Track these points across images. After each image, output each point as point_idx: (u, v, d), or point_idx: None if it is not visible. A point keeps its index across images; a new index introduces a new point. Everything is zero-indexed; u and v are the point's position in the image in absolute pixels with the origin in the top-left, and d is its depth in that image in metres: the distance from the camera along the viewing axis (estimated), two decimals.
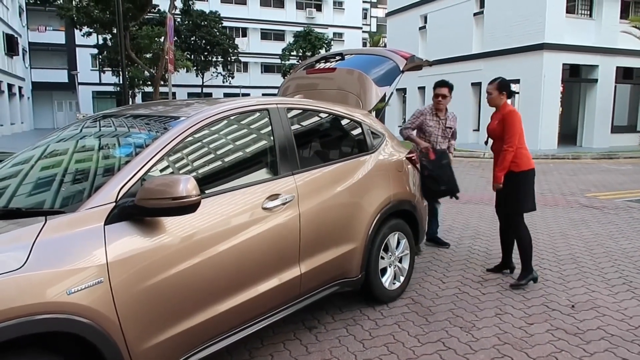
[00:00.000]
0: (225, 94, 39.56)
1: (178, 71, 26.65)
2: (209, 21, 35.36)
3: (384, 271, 3.71)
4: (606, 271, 4.47)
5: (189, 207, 2.08)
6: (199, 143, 2.62)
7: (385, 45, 33.17)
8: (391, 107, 24.86)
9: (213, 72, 37.69)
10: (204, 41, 35.51)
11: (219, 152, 2.77)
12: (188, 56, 32.68)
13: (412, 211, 3.93)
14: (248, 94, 39.27)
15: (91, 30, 23.88)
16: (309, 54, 34.53)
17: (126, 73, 14.03)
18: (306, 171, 3.04)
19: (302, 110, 3.36)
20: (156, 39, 24.43)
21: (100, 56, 30.95)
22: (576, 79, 18.47)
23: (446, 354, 2.96)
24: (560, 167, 12.81)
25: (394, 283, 3.80)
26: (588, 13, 18.03)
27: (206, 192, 2.44)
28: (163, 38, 22.51)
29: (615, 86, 18.21)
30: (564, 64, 17.10)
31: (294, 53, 36.73)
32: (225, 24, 37.48)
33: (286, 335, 3.22)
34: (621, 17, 17.95)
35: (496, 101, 4.10)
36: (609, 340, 3.12)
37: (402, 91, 24.29)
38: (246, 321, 2.62)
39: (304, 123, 3.40)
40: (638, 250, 5.16)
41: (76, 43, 36.64)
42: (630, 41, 17.41)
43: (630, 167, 12.98)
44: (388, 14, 26.70)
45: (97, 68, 36.78)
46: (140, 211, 2.07)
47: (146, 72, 25.33)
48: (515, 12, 17.59)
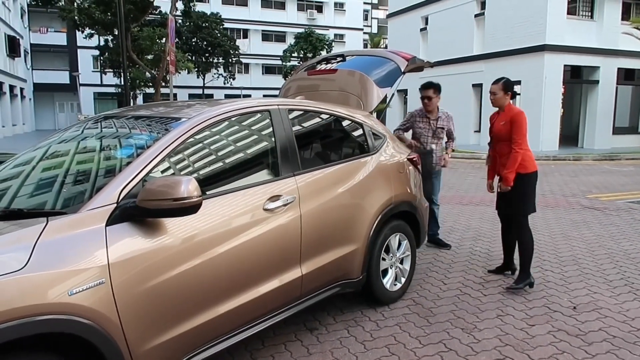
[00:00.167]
0: (226, 95, 39.62)
1: (179, 72, 26.67)
2: (210, 23, 35.43)
3: (385, 272, 3.71)
4: (608, 272, 4.46)
5: (191, 208, 2.08)
6: (200, 144, 2.62)
7: (386, 46, 33.20)
8: (392, 109, 24.87)
9: (214, 74, 37.76)
10: (205, 42, 35.58)
11: (220, 153, 2.77)
12: (189, 57, 32.74)
13: (413, 212, 3.93)
14: (249, 95, 39.31)
15: (93, 31, 23.90)
16: (310, 56, 34.60)
17: (127, 74, 14.04)
18: (307, 172, 3.04)
19: (304, 111, 3.36)
20: (157, 41, 24.47)
21: (101, 57, 31.01)
22: (577, 80, 18.46)
23: (447, 356, 2.96)
24: (561, 169, 12.79)
25: (395, 284, 3.80)
26: (589, 14, 18.02)
27: (207, 193, 2.44)
28: (164, 39, 22.58)
29: (616, 87, 18.19)
30: (565, 65, 17.09)
31: (295, 54, 36.81)
32: (226, 26, 37.57)
33: (287, 336, 3.22)
34: (622, 19, 17.95)
35: (501, 101, 4.06)
36: (611, 341, 3.11)
37: (403, 92, 24.28)
38: (247, 322, 2.62)
39: (305, 124, 3.40)
40: None
41: (78, 44, 36.73)
42: (631, 42, 17.41)
43: (631, 169, 12.96)
44: (389, 16, 26.72)
45: (99, 69, 36.91)
46: (141, 212, 2.07)
47: (147, 74, 25.36)
48: (516, 14, 17.59)
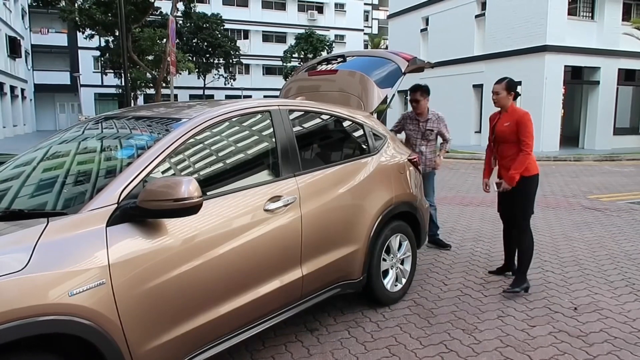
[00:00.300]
0: (226, 96, 39.67)
1: (180, 73, 26.70)
2: (211, 23, 35.46)
3: (386, 273, 3.71)
4: (609, 273, 4.45)
5: (191, 209, 2.08)
6: (201, 145, 2.62)
7: (386, 47, 33.20)
8: (393, 109, 24.85)
9: (215, 74, 37.80)
10: (206, 43, 35.61)
11: (221, 154, 2.77)
12: (190, 58, 32.76)
13: (414, 213, 3.92)
14: (250, 96, 39.34)
15: (93, 32, 23.95)
16: (311, 56, 34.62)
17: (128, 75, 14.05)
18: (308, 173, 3.04)
19: (304, 112, 3.36)
20: (158, 41, 24.49)
21: (102, 58, 31.07)
22: (578, 81, 18.46)
23: (448, 356, 2.95)
24: (562, 169, 12.79)
25: (396, 285, 3.79)
26: (590, 15, 18.02)
27: (208, 194, 2.44)
28: (165, 40, 22.59)
29: (617, 88, 18.20)
30: (566, 66, 17.10)
31: (296, 55, 36.83)
32: (227, 26, 37.59)
33: (288, 337, 3.22)
34: (623, 19, 17.95)
35: (503, 101, 3.99)
36: (612, 342, 3.11)
37: (404, 93, 24.24)
38: (248, 323, 2.61)
39: (306, 125, 3.40)
40: None
41: (78, 45, 36.76)
42: (632, 43, 17.41)
43: (632, 169, 12.95)
44: (389, 16, 26.73)
45: (99, 70, 36.95)
46: (142, 213, 2.07)
47: (148, 74, 25.39)
48: (516, 14, 17.60)
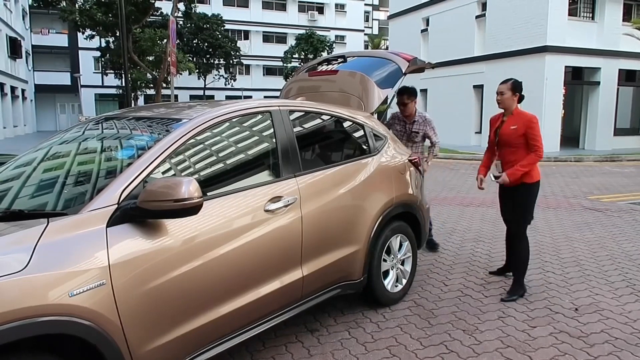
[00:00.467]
0: (227, 97, 39.67)
1: (180, 74, 26.70)
2: (211, 24, 35.47)
3: (386, 274, 3.70)
4: (610, 274, 4.45)
5: (191, 209, 2.08)
6: (201, 145, 2.62)
7: (386, 47, 33.19)
8: (393, 110, 24.86)
9: (215, 75, 37.81)
10: (206, 44, 35.62)
11: (221, 154, 2.76)
12: (190, 59, 32.77)
13: (415, 213, 3.92)
14: (250, 97, 39.37)
15: (94, 33, 23.94)
16: (311, 57, 34.64)
17: (128, 76, 14.06)
18: (308, 173, 3.04)
19: (304, 112, 3.36)
20: (158, 42, 24.50)
21: (102, 59, 31.03)
22: (578, 82, 18.46)
23: (449, 357, 2.95)
24: (562, 170, 12.78)
25: (396, 286, 3.79)
26: (590, 16, 18.02)
27: (208, 194, 2.43)
28: (165, 41, 22.59)
29: (617, 89, 18.19)
30: (566, 67, 17.10)
31: (296, 56, 36.85)
32: (227, 27, 37.60)
33: (288, 337, 3.22)
34: (623, 20, 17.95)
35: (508, 102, 3.90)
36: (613, 343, 3.10)
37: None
38: (248, 323, 2.61)
39: (306, 125, 3.40)
40: None
41: (79, 46, 36.78)
42: (632, 43, 17.40)
43: (633, 170, 12.95)
44: (390, 17, 26.73)
45: (100, 71, 36.95)
46: (142, 213, 2.07)
47: (148, 75, 25.39)
48: (517, 15, 17.60)
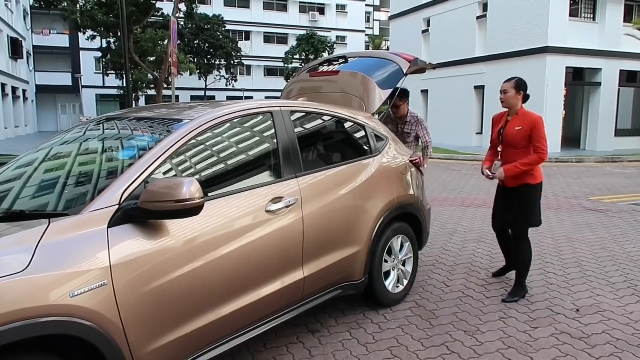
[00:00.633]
0: (228, 97, 39.67)
1: (181, 74, 26.71)
2: (212, 24, 35.50)
3: (387, 274, 3.70)
4: (611, 275, 4.44)
5: (192, 210, 2.08)
6: (202, 145, 2.62)
7: (387, 48, 33.20)
8: None
9: (216, 75, 37.84)
10: (207, 44, 35.64)
11: (222, 155, 2.76)
12: (191, 59, 32.78)
13: (416, 214, 3.92)
14: (251, 97, 39.38)
15: (95, 33, 23.97)
16: (312, 57, 34.64)
17: (129, 76, 14.06)
18: (309, 174, 3.04)
19: (306, 113, 3.35)
20: (159, 42, 24.52)
21: (103, 59, 31.07)
22: (579, 82, 18.44)
23: (450, 358, 2.95)
24: (563, 170, 12.77)
25: (398, 286, 3.79)
26: (591, 16, 18.01)
27: (209, 195, 2.43)
28: (166, 41, 22.61)
29: (618, 89, 18.18)
30: (567, 67, 17.09)
31: (297, 56, 36.86)
32: (228, 27, 37.64)
33: (289, 338, 3.21)
34: (624, 20, 17.94)
35: (512, 101, 3.78)
36: (614, 344, 3.10)
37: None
38: (249, 324, 2.61)
39: (307, 126, 3.40)
40: None
41: (80, 46, 36.85)
42: (633, 44, 17.39)
43: (634, 171, 12.93)
44: (391, 17, 26.73)
45: (101, 71, 36.96)
46: (143, 214, 2.07)
47: (149, 75, 25.40)
48: (518, 15, 17.59)
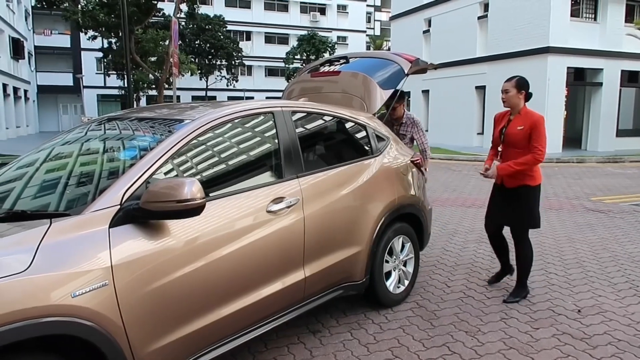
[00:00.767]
0: (229, 97, 39.67)
1: (183, 75, 26.73)
2: (214, 25, 35.53)
3: (389, 275, 3.70)
4: (612, 275, 4.43)
5: (194, 210, 2.08)
6: (204, 146, 2.62)
7: (389, 48, 33.20)
8: None
9: (217, 76, 37.86)
10: (209, 45, 35.67)
11: (224, 155, 2.77)
12: (192, 60, 32.81)
13: (417, 215, 3.92)
14: (252, 97, 39.39)
15: (96, 33, 23.99)
16: (313, 58, 34.66)
17: (131, 76, 14.08)
18: (311, 174, 3.04)
19: (307, 113, 3.36)
20: (161, 43, 24.53)
21: (105, 60, 31.12)
22: (581, 83, 18.42)
23: (451, 359, 2.94)
24: (565, 171, 12.76)
25: (399, 287, 3.78)
26: (592, 16, 18.00)
27: (211, 195, 2.43)
28: (168, 42, 22.63)
29: (620, 90, 18.17)
30: (569, 68, 17.07)
31: (298, 56, 36.88)
32: (229, 28, 37.68)
33: (290, 339, 3.21)
34: (626, 21, 17.93)
35: (513, 100, 3.73)
36: (616, 345, 3.09)
37: (406, 94, 24.25)
38: (250, 325, 2.61)
39: (309, 126, 3.40)
40: None
41: (81, 47, 36.90)
42: (635, 44, 17.37)
43: (635, 171, 12.92)
44: (392, 18, 26.73)
45: (102, 71, 36.99)
46: (145, 214, 2.07)
47: (151, 76, 25.41)
48: (519, 16, 17.58)
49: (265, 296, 2.63)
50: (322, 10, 45.12)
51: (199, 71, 34.52)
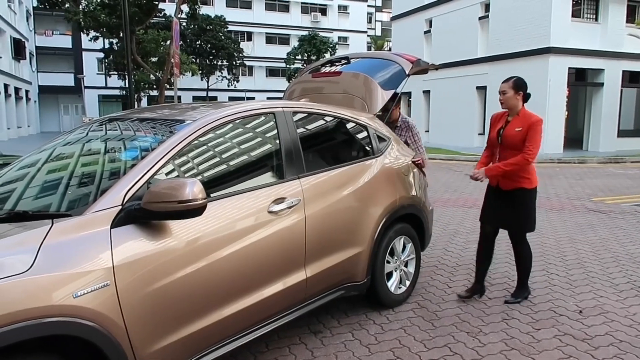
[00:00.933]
0: (230, 98, 39.70)
1: (184, 75, 26.76)
2: (215, 25, 35.56)
3: (390, 275, 3.70)
4: (614, 276, 4.43)
5: (195, 211, 2.08)
6: (205, 146, 2.62)
7: (390, 49, 33.20)
8: None
9: (218, 76, 37.89)
10: (210, 45, 35.70)
11: (225, 156, 2.77)
12: (193, 60, 32.84)
13: (418, 215, 3.91)
14: (253, 98, 39.41)
15: (98, 34, 24.03)
16: (314, 58, 34.68)
17: (132, 77, 14.09)
18: (312, 175, 3.04)
19: (308, 113, 3.36)
20: (162, 43, 24.57)
21: (106, 60, 31.16)
22: (582, 83, 18.40)
23: (452, 359, 2.94)
24: (566, 171, 12.75)
25: (400, 287, 3.78)
26: (594, 17, 17.99)
27: (212, 196, 2.44)
28: (169, 42, 22.65)
29: (621, 90, 18.15)
30: (570, 68, 17.05)
31: (299, 57, 36.90)
32: (230, 28, 37.70)
33: (291, 339, 3.21)
34: (627, 21, 17.91)
35: (511, 102, 3.67)
36: (618, 346, 3.09)
37: (407, 95, 24.27)
38: (251, 325, 2.61)
39: (310, 127, 3.40)
40: None
41: (83, 47, 36.94)
42: (636, 45, 17.36)
43: (637, 172, 12.90)
44: (393, 18, 26.73)
45: (103, 72, 37.03)
46: (146, 214, 2.07)
47: (152, 76, 25.44)
48: (520, 16, 17.57)
49: (266, 297, 2.63)
50: (323, 10, 45.14)
51: (200, 71, 34.55)
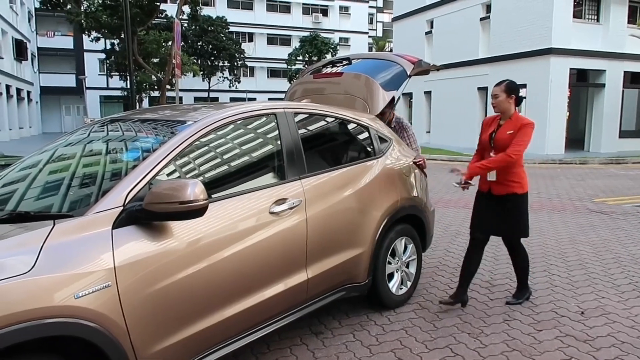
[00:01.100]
0: (231, 99, 39.73)
1: (185, 75, 26.78)
2: (216, 26, 35.59)
3: (391, 276, 3.69)
4: (615, 277, 4.42)
5: (197, 212, 2.08)
6: (207, 147, 2.62)
7: (391, 50, 33.21)
8: (397, 112, 24.84)
9: (219, 77, 37.91)
10: (211, 46, 35.74)
11: (226, 157, 2.77)
12: (195, 61, 32.87)
13: (419, 216, 3.91)
14: (254, 99, 39.43)
15: (99, 35, 24.07)
16: (315, 59, 34.70)
17: (134, 78, 14.11)
18: (313, 176, 3.04)
19: (309, 114, 3.36)
20: (163, 44, 24.60)
21: (108, 61, 31.23)
22: (583, 84, 18.38)
23: None
24: (567, 172, 12.73)
25: (401, 288, 3.78)
26: (595, 18, 17.97)
27: (213, 197, 2.43)
28: (170, 43, 22.67)
29: (622, 91, 18.13)
30: (571, 69, 17.02)
31: (300, 58, 36.94)
32: (231, 29, 37.74)
33: (293, 340, 3.21)
34: (628, 22, 17.89)
35: (503, 105, 3.59)
36: (620, 347, 3.08)
37: (409, 96, 24.28)
38: (253, 326, 2.61)
39: (311, 127, 3.40)
40: None
41: (84, 48, 36.98)
42: (637, 45, 17.33)
43: (638, 172, 12.88)
44: (394, 19, 26.73)
45: (105, 73, 37.11)
46: (147, 215, 2.07)
47: (153, 77, 25.47)
48: (521, 17, 17.57)
49: (267, 297, 2.63)
50: (324, 11, 45.17)
51: (202, 72, 34.57)
